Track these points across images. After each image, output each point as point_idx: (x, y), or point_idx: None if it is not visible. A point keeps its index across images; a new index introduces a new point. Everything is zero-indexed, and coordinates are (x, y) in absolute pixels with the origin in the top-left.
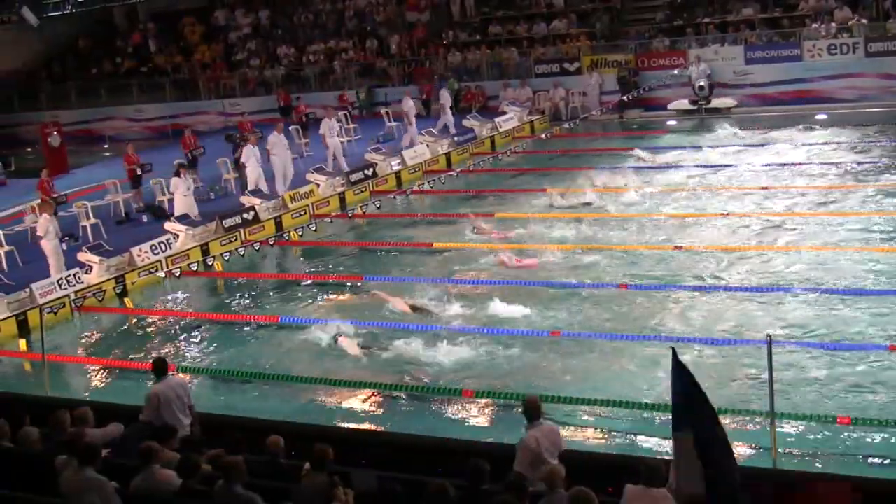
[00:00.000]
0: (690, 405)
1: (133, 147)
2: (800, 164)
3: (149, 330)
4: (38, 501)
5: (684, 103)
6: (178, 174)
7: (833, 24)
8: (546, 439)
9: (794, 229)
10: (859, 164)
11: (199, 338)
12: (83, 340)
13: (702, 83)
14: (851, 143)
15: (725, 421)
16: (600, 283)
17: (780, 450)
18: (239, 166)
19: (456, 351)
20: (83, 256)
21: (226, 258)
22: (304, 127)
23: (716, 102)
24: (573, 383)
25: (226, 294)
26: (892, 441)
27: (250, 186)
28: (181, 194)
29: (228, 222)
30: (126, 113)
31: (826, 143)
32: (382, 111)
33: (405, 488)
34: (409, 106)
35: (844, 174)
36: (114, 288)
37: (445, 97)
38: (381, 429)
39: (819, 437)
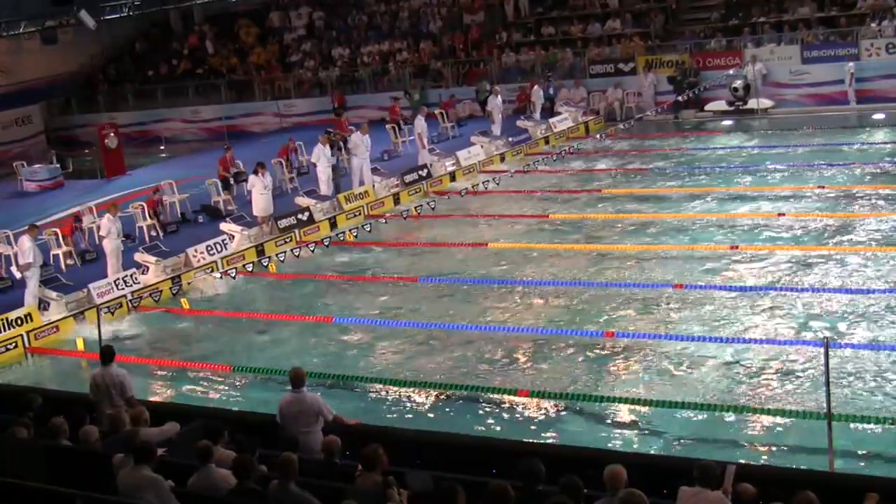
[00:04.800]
0: None
1: (232, 152)
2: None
3: (204, 330)
4: (95, 499)
5: (722, 105)
6: (255, 172)
7: (895, 22)
8: (296, 405)
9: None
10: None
11: (253, 338)
12: (139, 341)
13: (737, 84)
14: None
15: (782, 421)
16: (660, 284)
17: (836, 452)
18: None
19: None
20: (140, 257)
21: (280, 259)
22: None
23: (752, 103)
24: (617, 384)
25: (281, 294)
26: None
27: (321, 188)
28: (258, 192)
29: (283, 223)
30: (182, 114)
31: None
32: (437, 112)
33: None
34: (497, 104)
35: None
36: (170, 288)
37: (538, 96)
38: (434, 429)
39: (878, 439)
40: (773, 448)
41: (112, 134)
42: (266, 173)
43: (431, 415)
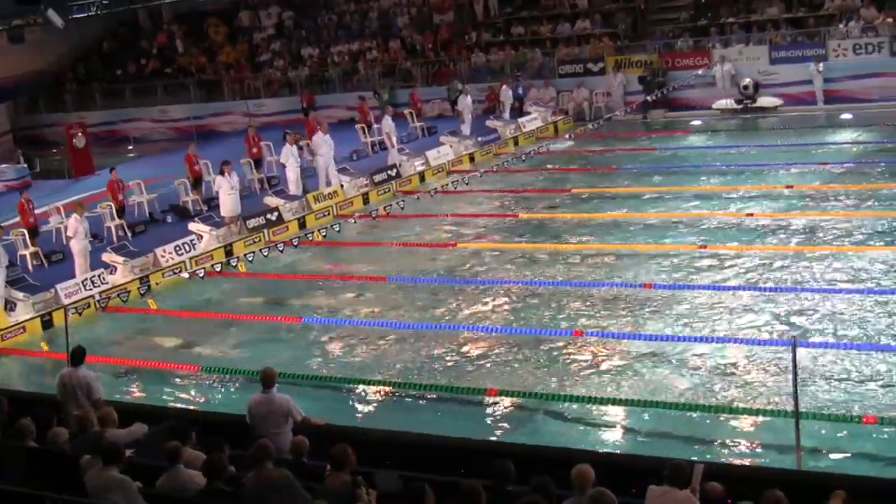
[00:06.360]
0: None
1: (194, 147)
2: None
3: (172, 331)
4: (63, 500)
5: (730, 103)
6: (222, 172)
7: (861, 22)
8: (265, 406)
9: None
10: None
11: (222, 338)
12: (107, 341)
13: (746, 82)
14: None
15: (750, 420)
16: (630, 283)
17: (804, 450)
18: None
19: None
20: (108, 257)
21: (249, 259)
22: (369, 126)
23: (761, 102)
24: (586, 384)
25: (250, 295)
26: None
27: (290, 188)
28: (225, 193)
29: (252, 223)
30: (151, 114)
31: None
32: (406, 112)
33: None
34: (467, 104)
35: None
36: (138, 288)
37: (507, 96)
38: (403, 429)
39: (845, 437)
40: (742, 447)
41: (80, 133)
42: (233, 173)
43: (400, 414)
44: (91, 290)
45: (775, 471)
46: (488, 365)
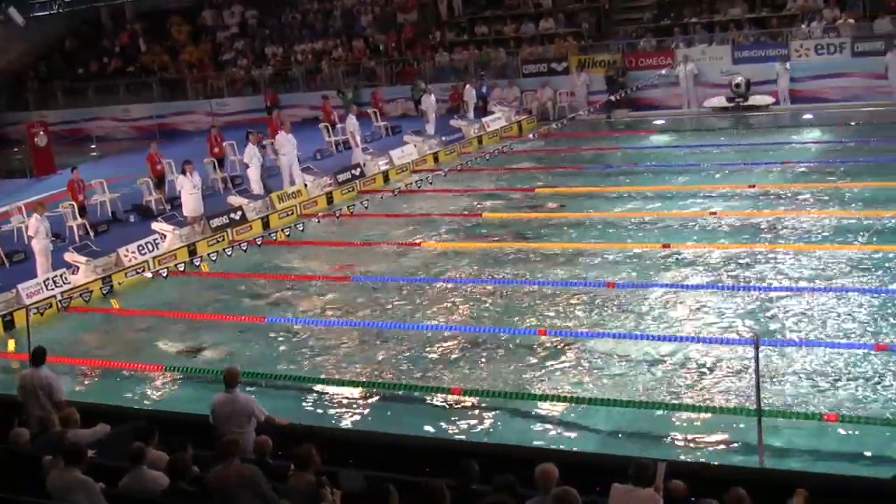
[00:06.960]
0: None
1: (156, 146)
2: None
3: (135, 330)
4: (24, 501)
5: (721, 101)
6: (183, 172)
7: (823, 23)
8: (228, 405)
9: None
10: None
11: (186, 338)
12: (69, 341)
13: (738, 80)
14: None
15: (713, 418)
16: (593, 282)
17: (767, 448)
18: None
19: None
20: (70, 257)
21: (213, 258)
22: (333, 125)
23: (753, 100)
24: (550, 382)
25: (213, 294)
26: (879, 438)
27: (253, 186)
28: (187, 192)
29: (216, 222)
30: (113, 113)
31: None
32: (369, 111)
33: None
34: (431, 103)
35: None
36: (101, 288)
37: (471, 95)
38: (367, 428)
39: (807, 435)
40: (705, 445)
41: (41, 132)
42: (194, 173)
43: (364, 414)
44: (53, 290)
45: (738, 469)
46: (452, 364)
